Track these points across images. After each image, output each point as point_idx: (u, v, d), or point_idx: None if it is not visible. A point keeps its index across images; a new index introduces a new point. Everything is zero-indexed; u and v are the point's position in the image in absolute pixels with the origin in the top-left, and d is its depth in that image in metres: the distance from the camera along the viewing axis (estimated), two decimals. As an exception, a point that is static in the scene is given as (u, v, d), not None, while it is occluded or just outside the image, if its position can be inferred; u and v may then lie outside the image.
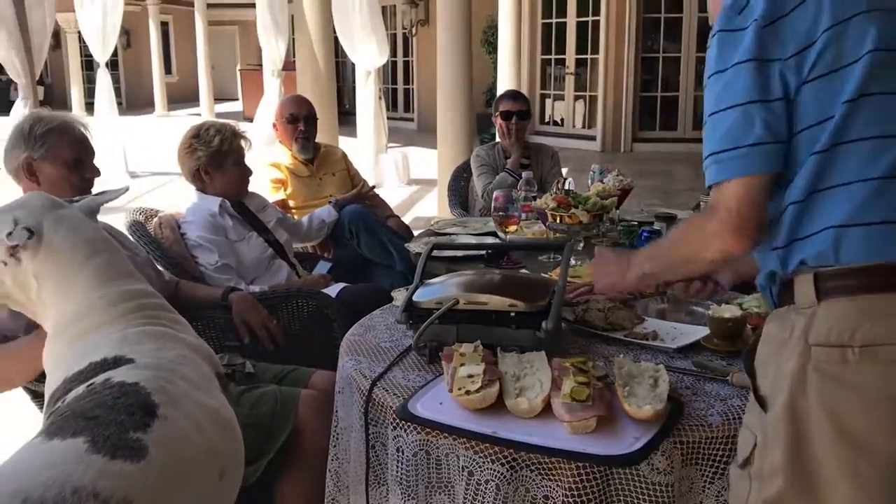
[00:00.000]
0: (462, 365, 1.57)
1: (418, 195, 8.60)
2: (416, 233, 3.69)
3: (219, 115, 16.86)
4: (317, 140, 3.88)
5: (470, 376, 1.52)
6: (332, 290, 2.86)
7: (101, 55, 8.82)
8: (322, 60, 6.24)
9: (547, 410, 1.48)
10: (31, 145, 2.14)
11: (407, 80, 16.12)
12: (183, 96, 21.70)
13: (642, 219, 3.21)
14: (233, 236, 2.86)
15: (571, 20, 12.38)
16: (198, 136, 2.89)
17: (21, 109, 3.14)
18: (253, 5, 8.94)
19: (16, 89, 15.91)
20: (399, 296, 2.13)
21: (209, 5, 18.65)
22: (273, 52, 6.94)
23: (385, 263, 3.41)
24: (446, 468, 1.48)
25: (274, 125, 3.86)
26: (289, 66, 16.19)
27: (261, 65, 19.31)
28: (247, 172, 2.97)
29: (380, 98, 8.92)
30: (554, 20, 12.57)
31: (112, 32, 8.66)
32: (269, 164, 3.73)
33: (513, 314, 1.73)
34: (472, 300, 1.76)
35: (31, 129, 2.15)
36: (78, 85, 19.45)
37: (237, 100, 23.70)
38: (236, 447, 1.56)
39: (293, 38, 7.54)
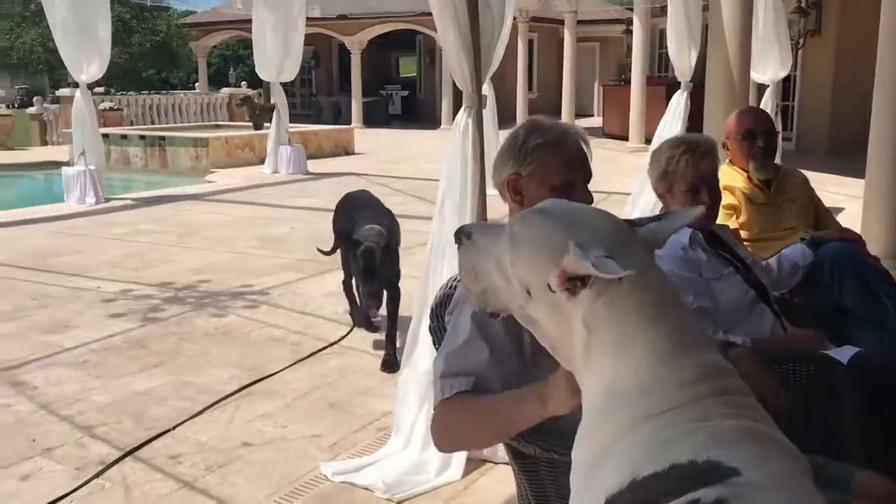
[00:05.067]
0: None
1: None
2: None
3: (580, 130, 16.76)
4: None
5: None
6: (839, 353, 2.24)
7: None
8: (737, 74, 5.59)
9: None
10: (521, 160, 1.81)
11: (787, 97, 14.70)
12: (541, 112, 22.06)
13: None
14: (707, 274, 2.37)
15: None
16: (656, 153, 2.49)
17: (464, 119, 2.88)
18: (618, 21, 8.56)
19: (393, 104, 17.20)
20: None
21: (578, 22, 18.72)
22: (683, 62, 6.41)
23: (870, 316, 2.71)
24: None
25: (724, 144, 3.31)
26: (651, 81, 15.76)
27: (622, 80, 19.13)
28: (716, 198, 2.47)
29: (776, 114, 8.02)
30: None
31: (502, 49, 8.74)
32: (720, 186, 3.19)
33: None
34: None
35: (525, 140, 1.82)
36: (448, 99, 20.64)
37: (592, 115, 23.67)
38: None
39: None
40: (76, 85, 9.50)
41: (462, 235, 1.37)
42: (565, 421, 1.58)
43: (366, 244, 4.14)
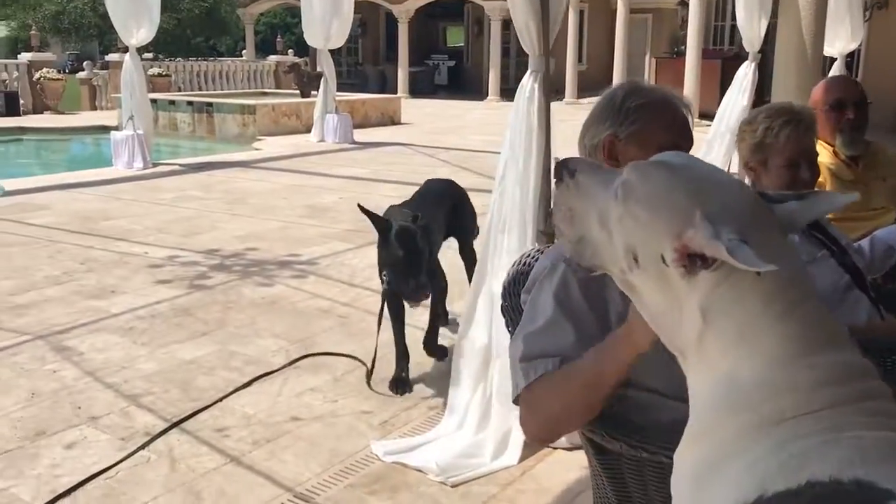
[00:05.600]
0: None
1: None
2: None
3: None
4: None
5: None
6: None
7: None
8: (810, 44, 5.27)
9: None
10: (620, 121, 1.63)
11: (849, 71, 14.19)
12: (590, 84, 21.66)
13: None
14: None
15: None
16: (750, 122, 2.29)
17: (529, 84, 2.70)
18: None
19: (440, 74, 16.95)
20: None
21: (631, -8, 18.25)
22: (752, 31, 6.11)
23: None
24: None
25: (808, 114, 3.07)
26: (707, 54, 15.28)
27: (675, 54, 18.62)
28: (816, 176, 2.27)
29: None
30: None
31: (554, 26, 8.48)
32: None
33: None
34: None
35: (623, 100, 1.64)
36: (495, 69, 20.34)
37: (645, 89, 22.96)
38: None
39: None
40: (125, 50, 9.48)
41: (564, 171, 1.20)
42: (657, 417, 1.43)
43: (399, 224, 3.38)
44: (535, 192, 2.96)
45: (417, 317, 3.95)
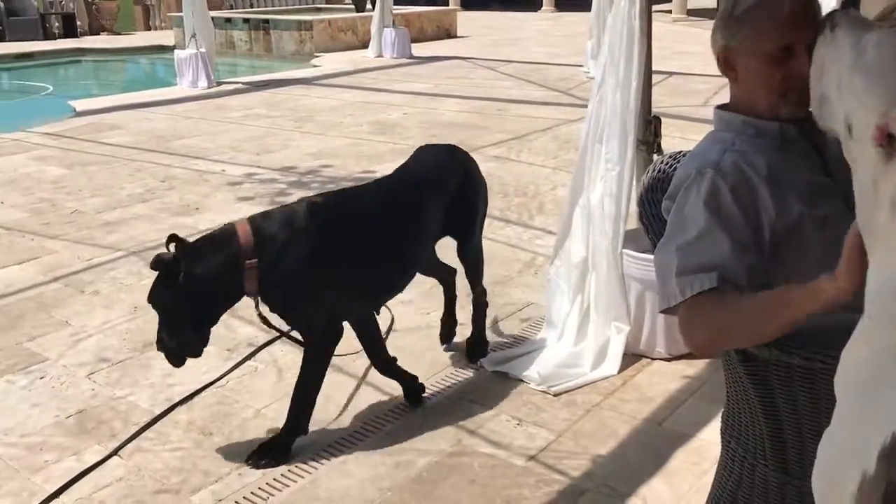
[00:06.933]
0: None
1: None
2: None
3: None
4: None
5: None
6: None
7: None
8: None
9: None
10: (731, 30, 1.52)
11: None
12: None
13: None
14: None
15: None
16: None
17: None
18: None
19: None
20: None
21: None
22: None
23: None
24: None
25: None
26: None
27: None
28: None
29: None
30: None
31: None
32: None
33: None
34: None
35: (734, 6, 1.53)
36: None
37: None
38: None
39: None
40: (180, -33, 9.39)
41: (828, 23, 1.15)
42: (818, 321, 1.39)
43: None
44: (636, 98, 2.88)
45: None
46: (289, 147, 6.53)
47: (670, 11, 17.88)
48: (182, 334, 2.35)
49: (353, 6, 14.91)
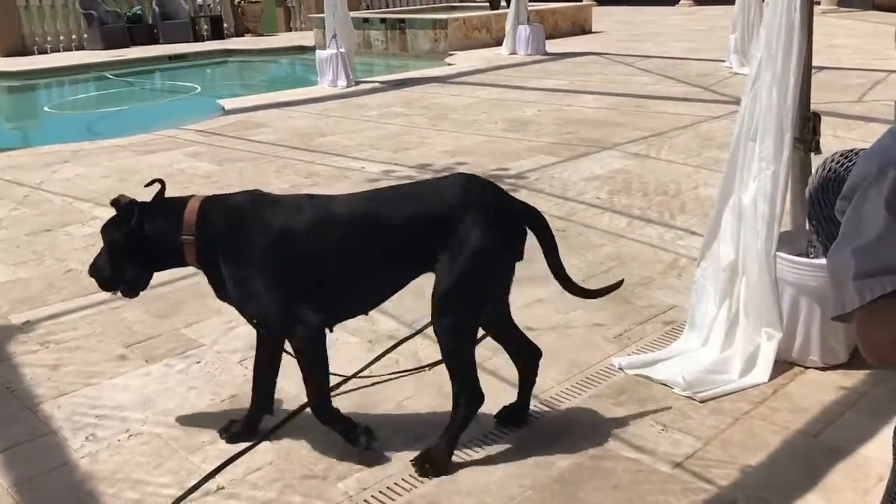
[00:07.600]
0: None
1: None
2: None
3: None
4: None
5: None
6: None
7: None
8: None
9: None
10: None
11: None
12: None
13: None
14: None
15: None
16: None
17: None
18: None
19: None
20: None
21: None
22: None
23: None
24: None
25: None
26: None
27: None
28: None
29: None
30: None
31: None
32: None
33: None
34: None
35: None
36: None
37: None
38: None
39: None
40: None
41: None
42: None
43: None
44: (794, 94, 2.74)
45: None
46: (424, 145, 6.62)
47: (819, 3, 16.99)
48: (118, 270, 2.50)
49: (486, 4, 14.97)
